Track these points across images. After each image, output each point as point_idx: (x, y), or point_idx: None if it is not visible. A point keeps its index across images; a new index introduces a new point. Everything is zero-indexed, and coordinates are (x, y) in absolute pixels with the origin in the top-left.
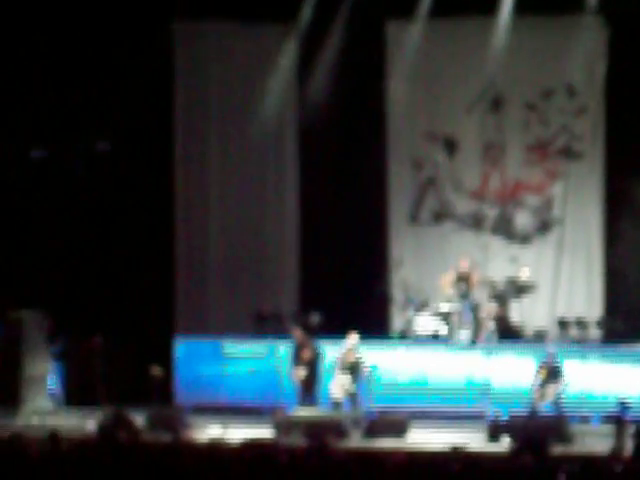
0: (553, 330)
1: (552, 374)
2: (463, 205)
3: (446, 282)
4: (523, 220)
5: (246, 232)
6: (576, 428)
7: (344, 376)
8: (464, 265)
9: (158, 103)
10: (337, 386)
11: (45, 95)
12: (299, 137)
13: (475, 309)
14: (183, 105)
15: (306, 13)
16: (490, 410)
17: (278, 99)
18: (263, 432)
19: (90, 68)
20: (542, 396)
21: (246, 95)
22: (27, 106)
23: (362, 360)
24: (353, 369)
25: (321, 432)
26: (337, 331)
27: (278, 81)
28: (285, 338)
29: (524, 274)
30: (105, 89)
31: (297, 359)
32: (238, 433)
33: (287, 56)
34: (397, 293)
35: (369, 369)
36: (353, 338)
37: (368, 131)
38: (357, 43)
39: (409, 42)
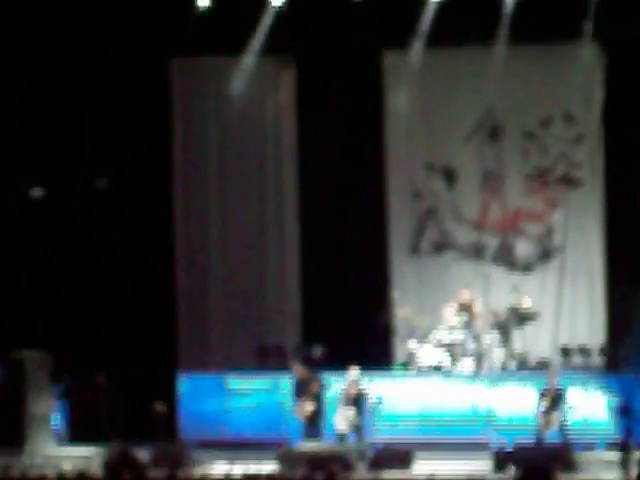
0: (556, 358)
1: (555, 401)
2: (463, 235)
3: (449, 314)
4: (524, 249)
5: (247, 267)
6: (581, 455)
7: (348, 409)
8: (465, 295)
9: (156, 138)
10: (341, 419)
11: (43, 134)
12: (298, 168)
13: (477, 339)
14: (181, 141)
15: (303, 45)
16: (495, 439)
17: (276, 130)
18: (268, 467)
19: (87, 104)
20: (547, 423)
21: (244, 128)
22: (25, 145)
23: (366, 392)
24: (357, 401)
25: (326, 465)
26: (340, 363)
27: (276, 112)
28: (288, 372)
29: (526, 303)
30: (102, 125)
31: (302, 393)
32: (243, 468)
33: (285, 88)
34: (399, 324)
35: (375, 400)
36: (354, 371)
37: (367, 162)
38: (355, 73)
39: (407, 72)
